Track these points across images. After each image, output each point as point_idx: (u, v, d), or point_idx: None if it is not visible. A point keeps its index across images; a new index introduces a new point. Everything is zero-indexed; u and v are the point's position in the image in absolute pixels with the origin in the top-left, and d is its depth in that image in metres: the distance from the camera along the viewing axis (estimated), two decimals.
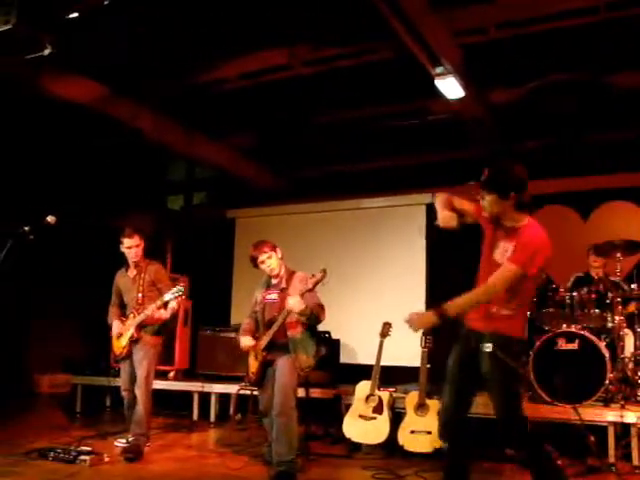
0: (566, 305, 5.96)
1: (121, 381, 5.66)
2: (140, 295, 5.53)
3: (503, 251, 3.49)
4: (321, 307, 4.80)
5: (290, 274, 4.97)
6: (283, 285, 4.93)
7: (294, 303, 4.63)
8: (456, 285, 3.91)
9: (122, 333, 5.51)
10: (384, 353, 6.00)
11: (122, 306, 5.73)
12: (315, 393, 6.31)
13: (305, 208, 9.23)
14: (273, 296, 4.96)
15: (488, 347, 3.41)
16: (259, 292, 5.10)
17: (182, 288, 5.33)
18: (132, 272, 5.66)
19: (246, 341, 4.98)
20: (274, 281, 5.02)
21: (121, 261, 5.77)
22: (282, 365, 4.76)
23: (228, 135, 8.60)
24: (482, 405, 5.82)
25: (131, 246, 5.55)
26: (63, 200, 8.48)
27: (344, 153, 8.85)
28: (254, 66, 6.63)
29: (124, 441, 5.61)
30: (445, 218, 3.70)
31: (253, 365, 4.94)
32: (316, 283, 4.61)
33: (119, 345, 5.54)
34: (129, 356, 5.50)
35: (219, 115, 8.01)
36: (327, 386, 6.77)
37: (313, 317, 4.75)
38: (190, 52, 6.52)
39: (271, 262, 4.92)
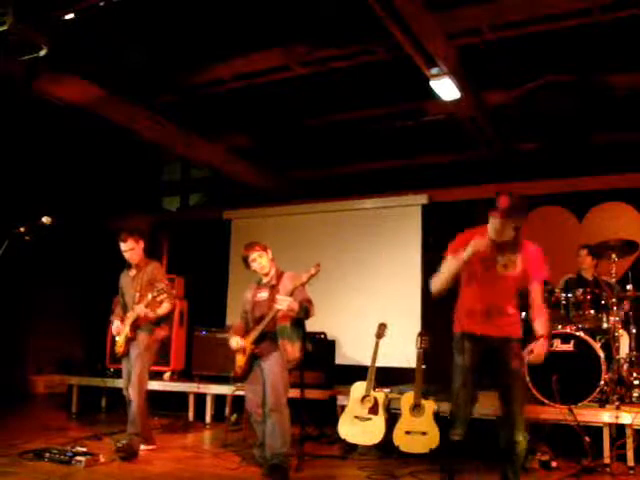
0: (561, 306, 5.97)
1: (122, 381, 5.71)
2: (137, 294, 5.58)
3: (508, 262, 4.05)
4: (310, 302, 4.91)
5: (280, 274, 5.07)
6: (273, 282, 5.03)
7: (283, 303, 4.72)
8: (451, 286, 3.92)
9: (120, 332, 5.56)
10: (379, 354, 6.01)
11: (126, 305, 5.76)
12: (310, 394, 6.28)
13: (301, 209, 9.23)
14: (263, 294, 5.04)
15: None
16: (249, 291, 5.16)
17: (163, 285, 5.38)
18: (132, 272, 5.73)
19: (234, 342, 5.02)
20: (264, 280, 5.10)
21: (119, 263, 5.80)
22: (272, 363, 4.80)
23: (224, 136, 8.60)
24: (481, 405, 5.87)
25: (126, 250, 5.62)
26: (60, 201, 8.50)
27: (340, 154, 8.86)
28: (250, 67, 6.62)
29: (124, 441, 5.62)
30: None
31: (240, 359, 4.98)
32: (311, 277, 4.75)
33: (118, 344, 5.61)
34: (127, 355, 5.56)
35: (215, 116, 8.02)
36: (322, 387, 6.78)
37: (303, 312, 4.84)
38: (187, 53, 6.52)
39: (262, 260, 5.04)
